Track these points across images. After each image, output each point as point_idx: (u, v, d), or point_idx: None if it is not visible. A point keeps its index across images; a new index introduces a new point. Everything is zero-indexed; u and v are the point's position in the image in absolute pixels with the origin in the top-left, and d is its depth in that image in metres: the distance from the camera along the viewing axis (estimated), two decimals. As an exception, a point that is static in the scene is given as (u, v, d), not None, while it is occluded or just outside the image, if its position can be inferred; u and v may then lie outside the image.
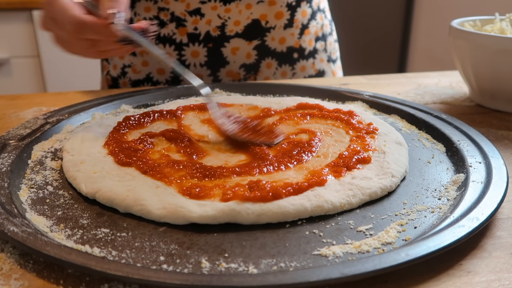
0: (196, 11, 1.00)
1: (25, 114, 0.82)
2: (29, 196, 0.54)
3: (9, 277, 0.41)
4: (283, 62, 1.10)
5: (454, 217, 0.48)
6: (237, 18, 1.01)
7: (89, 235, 0.47)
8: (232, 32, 1.03)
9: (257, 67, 1.08)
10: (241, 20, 1.02)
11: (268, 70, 1.10)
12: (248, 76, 1.09)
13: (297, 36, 1.09)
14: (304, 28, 1.10)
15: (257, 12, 1.02)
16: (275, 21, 1.05)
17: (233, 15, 1.01)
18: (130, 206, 0.50)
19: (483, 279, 0.42)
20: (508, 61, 0.79)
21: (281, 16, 1.05)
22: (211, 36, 1.03)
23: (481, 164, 0.59)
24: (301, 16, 1.08)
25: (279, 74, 1.11)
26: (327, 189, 0.53)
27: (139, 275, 0.38)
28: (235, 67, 1.07)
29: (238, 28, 1.02)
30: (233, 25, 1.02)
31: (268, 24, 1.05)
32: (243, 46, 1.05)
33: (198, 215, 0.48)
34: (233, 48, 1.05)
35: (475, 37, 0.82)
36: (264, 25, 1.04)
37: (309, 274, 0.38)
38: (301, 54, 1.12)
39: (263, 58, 1.08)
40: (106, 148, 0.62)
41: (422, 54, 3.01)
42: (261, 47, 1.07)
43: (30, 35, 2.46)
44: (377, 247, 0.45)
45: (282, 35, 1.07)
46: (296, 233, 0.48)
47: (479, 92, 0.87)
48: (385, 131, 0.69)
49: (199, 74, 1.07)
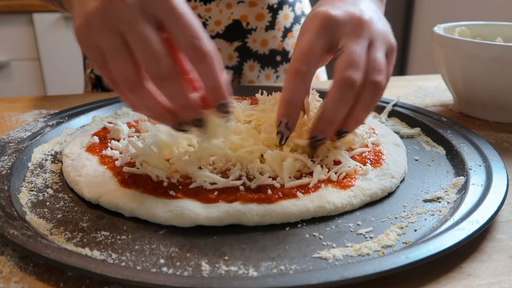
0: None
1: (25, 117, 0.82)
2: (29, 199, 0.54)
3: (9, 280, 0.41)
4: (266, 64, 1.10)
5: (454, 220, 0.48)
6: (218, 18, 1.01)
7: (89, 238, 0.47)
8: (213, 32, 1.02)
9: (239, 69, 1.07)
10: (222, 20, 1.01)
11: (251, 73, 1.09)
12: (231, 78, 1.08)
13: (280, 39, 1.09)
14: (287, 31, 1.10)
15: (238, 12, 1.01)
16: (256, 23, 1.04)
17: (213, 15, 1.00)
18: (135, 210, 0.50)
19: (483, 282, 0.42)
20: (476, 65, 0.78)
21: (262, 17, 1.04)
22: None
23: (481, 167, 0.59)
24: (283, 19, 1.07)
25: (262, 77, 1.11)
26: (329, 190, 0.53)
27: (139, 278, 0.38)
28: None
29: (219, 28, 1.02)
30: (214, 25, 1.01)
31: (249, 25, 1.04)
32: (224, 47, 1.04)
33: (204, 216, 0.48)
34: None
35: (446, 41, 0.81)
36: (245, 26, 1.03)
37: (309, 277, 0.38)
38: (284, 57, 1.11)
39: (245, 60, 1.07)
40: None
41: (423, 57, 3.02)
42: (243, 49, 1.06)
43: (30, 38, 2.47)
44: (377, 250, 0.45)
45: (264, 37, 1.07)
46: (296, 236, 0.47)
47: (458, 99, 0.87)
48: (383, 133, 0.69)
49: None
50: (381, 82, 0.55)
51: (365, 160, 0.60)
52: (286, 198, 0.51)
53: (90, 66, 1.11)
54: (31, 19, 2.43)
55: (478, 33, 0.92)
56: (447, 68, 0.83)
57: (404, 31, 3.14)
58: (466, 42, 0.79)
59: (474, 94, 0.81)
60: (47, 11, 2.43)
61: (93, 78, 1.12)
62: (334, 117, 0.54)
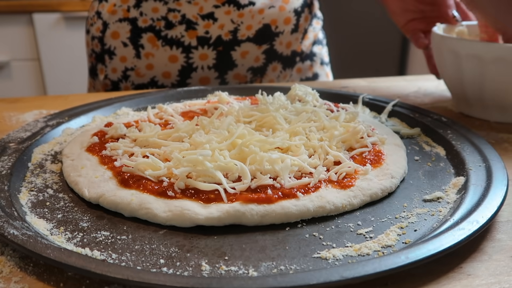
0: (210, 15, 1.00)
1: (25, 117, 0.82)
2: (29, 199, 0.54)
3: (9, 280, 0.41)
4: (287, 65, 1.11)
5: (454, 220, 0.48)
6: (250, 23, 1.02)
7: (89, 238, 0.47)
8: (244, 37, 1.03)
9: (263, 70, 1.09)
10: (253, 24, 1.02)
11: (273, 73, 1.11)
12: (254, 78, 1.10)
13: (299, 41, 1.11)
14: (305, 33, 1.11)
15: (269, 17, 1.03)
16: (283, 26, 1.06)
17: (246, 20, 1.01)
18: (135, 210, 0.50)
19: (483, 282, 0.42)
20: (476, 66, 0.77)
21: (289, 21, 1.06)
22: (222, 40, 1.03)
23: (481, 167, 0.59)
24: (304, 21, 1.09)
25: (282, 77, 1.13)
26: (329, 190, 0.53)
27: (139, 278, 0.38)
28: (242, 70, 1.07)
29: (250, 33, 1.03)
30: (245, 29, 1.02)
31: (278, 29, 1.05)
32: (252, 50, 1.05)
33: (204, 217, 0.48)
34: (243, 52, 1.05)
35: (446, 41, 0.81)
36: (274, 30, 1.05)
37: (309, 277, 0.38)
38: (300, 58, 1.13)
39: (270, 61, 1.08)
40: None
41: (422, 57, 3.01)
42: (270, 51, 1.07)
43: (31, 38, 2.47)
44: (377, 250, 0.45)
45: (288, 40, 1.08)
46: (296, 236, 0.48)
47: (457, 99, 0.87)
48: (383, 133, 0.69)
49: (206, 77, 1.07)
50: None
51: (365, 160, 0.60)
52: (286, 198, 0.51)
53: (104, 72, 1.10)
54: (31, 19, 2.43)
55: (477, 33, 0.92)
56: (447, 69, 0.83)
57: (404, 31, 3.14)
58: (466, 42, 0.79)
59: (474, 94, 0.81)
60: (47, 11, 2.43)
61: (109, 84, 1.10)
62: None
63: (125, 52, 1.05)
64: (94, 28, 1.09)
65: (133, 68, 1.06)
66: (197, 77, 1.07)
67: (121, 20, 1.04)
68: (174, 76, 1.06)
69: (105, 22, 1.06)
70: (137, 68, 1.06)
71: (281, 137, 0.61)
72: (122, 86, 1.09)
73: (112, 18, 1.05)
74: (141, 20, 1.03)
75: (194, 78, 1.07)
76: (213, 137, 0.59)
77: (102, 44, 1.07)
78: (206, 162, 0.53)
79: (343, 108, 0.78)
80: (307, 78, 1.17)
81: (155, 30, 1.03)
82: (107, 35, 1.06)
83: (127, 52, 1.05)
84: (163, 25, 1.02)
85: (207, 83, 1.08)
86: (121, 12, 1.04)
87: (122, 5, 1.04)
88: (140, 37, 1.04)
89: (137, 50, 1.05)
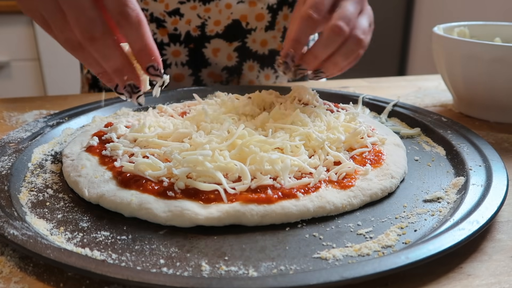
0: (175, 11, 0.99)
1: (25, 117, 0.82)
2: (29, 199, 0.54)
3: (9, 280, 0.41)
4: (265, 65, 1.10)
5: (454, 220, 0.48)
6: (217, 18, 1.00)
7: (89, 238, 0.47)
8: (212, 32, 1.02)
9: (239, 69, 1.07)
10: (221, 20, 1.01)
11: (251, 73, 1.09)
12: (231, 78, 1.08)
13: (280, 39, 1.08)
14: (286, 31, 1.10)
15: (238, 12, 1.01)
16: (256, 23, 1.04)
17: (213, 15, 1.00)
18: (135, 210, 0.50)
19: (483, 282, 0.42)
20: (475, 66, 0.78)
21: (262, 18, 1.04)
22: (191, 36, 1.02)
23: (481, 167, 0.59)
24: (283, 19, 1.07)
25: (262, 77, 1.11)
26: (329, 191, 0.53)
27: (139, 278, 0.38)
28: (217, 68, 1.06)
29: (219, 28, 1.02)
30: (213, 25, 1.01)
31: (249, 25, 1.04)
32: (223, 47, 1.04)
33: (204, 217, 0.48)
34: (214, 49, 1.04)
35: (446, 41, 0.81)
36: (245, 26, 1.03)
37: (309, 277, 0.38)
38: None
39: (244, 60, 1.07)
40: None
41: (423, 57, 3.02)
42: (242, 49, 1.06)
43: (30, 38, 2.47)
44: (377, 250, 0.45)
45: (263, 37, 1.06)
46: (296, 236, 0.47)
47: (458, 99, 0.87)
48: (383, 133, 0.69)
49: (181, 74, 1.06)
50: (364, 40, 0.68)
51: (365, 161, 0.60)
52: (286, 198, 0.51)
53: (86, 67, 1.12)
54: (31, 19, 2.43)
55: (477, 33, 0.92)
56: (447, 69, 0.83)
57: (404, 31, 3.14)
58: (466, 42, 0.79)
59: (474, 94, 0.81)
60: (47, 11, 2.43)
61: (90, 78, 1.12)
62: (320, 53, 0.66)
63: None
64: None
65: None
66: (171, 74, 1.06)
67: None
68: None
69: None
70: None
71: (281, 137, 0.61)
72: (101, 81, 1.09)
73: None
74: None
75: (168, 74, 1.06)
76: (213, 138, 0.59)
77: None
78: (206, 163, 0.53)
79: (343, 108, 0.78)
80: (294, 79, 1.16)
81: None
82: None
83: None
84: None
85: (181, 80, 1.07)
86: None
87: None
88: None
89: None
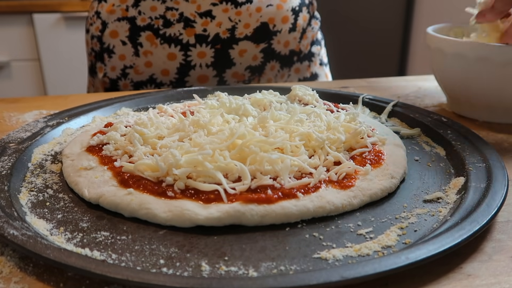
0: (207, 13, 1.00)
1: (25, 117, 0.82)
2: (29, 199, 0.54)
3: (9, 280, 0.41)
4: (285, 64, 1.12)
5: (454, 220, 0.48)
6: (247, 21, 1.02)
7: (89, 238, 0.47)
8: (241, 35, 1.03)
9: (262, 69, 1.09)
10: (251, 23, 1.02)
11: (271, 72, 1.11)
12: (252, 77, 1.10)
13: (298, 40, 1.11)
14: (303, 33, 1.12)
15: (266, 15, 1.03)
16: (281, 25, 1.06)
17: (243, 18, 1.01)
18: (135, 210, 0.50)
19: (483, 282, 0.42)
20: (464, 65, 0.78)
21: (287, 20, 1.06)
22: (220, 38, 1.03)
23: (481, 167, 0.59)
24: (302, 20, 1.09)
25: (279, 76, 1.13)
26: (329, 191, 0.53)
27: (139, 278, 0.38)
28: (240, 68, 1.08)
29: (248, 31, 1.03)
30: (243, 27, 1.02)
31: (275, 27, 1.06)
32: (250, 48, 1.06)
33: (204, 217, 0.48)
34: (241, 50, 1.05)
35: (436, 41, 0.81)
36: (272, 28, 1.05)
37: (309, 277, 0.38)
38: (299, 57, 1.13)
39: (268, 60, 1.09)
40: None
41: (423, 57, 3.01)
42: (268, 50, 1.08)
43: (31, 39, 2.47)
44: (377, 250, 0.45)
45: (286, 39, 1.09)
46: (296, 236, 0.47)
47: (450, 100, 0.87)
48: (383, 133, 0.69)
49: (204, 75, 1.07)
50: None
51: (365, 161, 0.60)
52: (286, 198, 0.51)
53: (103, 70, 1.11)
54: (31, 19, 2.43)
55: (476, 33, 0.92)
56: (439, 69, 0.84)
57: (404, 31, 3.14)
58: (451, 41, 0.79)
59: (460, 93, 0.81)
60: (47, 11, 2.43)
61: (108, 82, 1.11)
62: None
63: (124, 50, 1.06)
64: (93, 27, 1.10)
65: (132, 66, 1.07)
66: (195, 75, 1.07)
67: (119, 19, 1.05)
68: (172, 74, 1.07)
69: (104, 21, 1.07)
70: (136, 66, 1.07)
71: (281, 137, 0.61)
72: (120, 84, 1.09)
73: (111, 18, 1.06)
74: (139, 19, 1.04)
75: (192, 76, 1.07)
76: (213, 138, 0.59)
77: (101, 43, 1.08)
78: (206, 163, 0.53)
79: (343, 108, 0.78)
80: (305, 78, 1.18)
81: (154, 28, 1.04)
82: (106, 34, 1.06)
83: (126, 51, 1.06)
84: (161, 24, 1.03)
85: (206, 81, 1.08)
86: (119, 12, 1.05)
87: (121, 5, 1.05)
88: (138, 35, 1.04)
89: (135, 49, 1.05)
